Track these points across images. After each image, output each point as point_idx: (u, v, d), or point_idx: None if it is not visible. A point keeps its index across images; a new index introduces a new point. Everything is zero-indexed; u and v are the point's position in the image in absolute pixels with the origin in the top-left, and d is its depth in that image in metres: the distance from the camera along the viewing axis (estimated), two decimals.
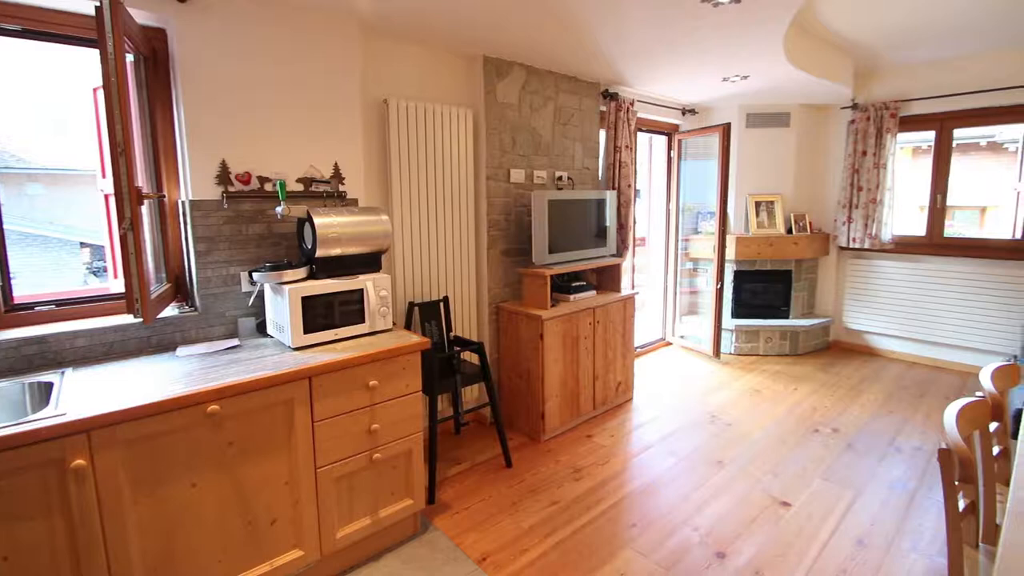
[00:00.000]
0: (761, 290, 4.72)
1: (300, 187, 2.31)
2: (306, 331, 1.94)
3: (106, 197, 2.25)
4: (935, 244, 4.20)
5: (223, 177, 2.09)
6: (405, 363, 2.01)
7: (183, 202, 2.07)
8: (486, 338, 3.14)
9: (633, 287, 4.33)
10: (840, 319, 4.74)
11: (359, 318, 2.09)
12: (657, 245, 5.03)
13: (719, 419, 3.23)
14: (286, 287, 1.91)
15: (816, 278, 4.82)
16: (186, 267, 2.13)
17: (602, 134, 3.84)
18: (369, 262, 2.21)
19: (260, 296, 2.17)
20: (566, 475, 2.59)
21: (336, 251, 2.07)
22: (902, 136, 4.26)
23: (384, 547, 2.07)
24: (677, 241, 4.83)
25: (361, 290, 2.09)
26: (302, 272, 2.03)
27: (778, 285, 4.69)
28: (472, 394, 3.12)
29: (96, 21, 1.49)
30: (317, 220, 2.02)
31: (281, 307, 1.96)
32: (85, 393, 1.53)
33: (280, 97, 2.20)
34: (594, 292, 3.38)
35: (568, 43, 2.80)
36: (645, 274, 5.21)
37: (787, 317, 4.67)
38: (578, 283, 3.29)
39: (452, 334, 2.87)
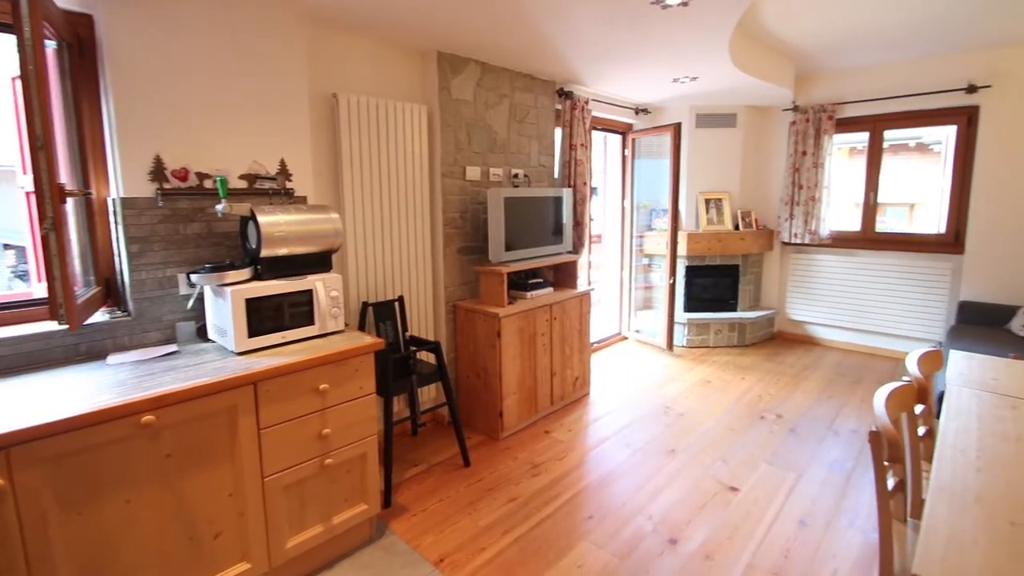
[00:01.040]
0: (711, 284, 4.89)
1: (243, 184, 2.21)
2: (251, 335, 1.87)
3: (27, 195, 2.09)
4: (868, 238, 4.47)
5: (158, 173, 1.98)
6: (358, 365, 1.96)
7: (113, 200, 1.94)
8: (443, 337, 3.11)
9: (590, 283, 4.40)
10: (783, 311, 4.98)
11: (308, 320, 2.02)
12: (613, 242, 5.12)
13: (672, 410, 3.33)
14: (228, 289, 1.83)
15: (761, 272, 5.04)
16: (117, 269, 2.00)
17: (558, 132, 3.87)
18: (319, 262, 2.14)
19: (200, 299, 2.06)
20: (524, 472, 2.60)
21: (283, 251, 1.99)
22: (838, 137, 4.50)
23: (338, 554, 2.02)
24: (632, 238, 4.94)
25: (310, 291, 2.02)
26: (246, 273, 1.94)
27: (727, 279, 4.88)
28: (429, 394, 3.09)
29: (11, 5, 1.37)
30: (261, 219, 1.94)
31: (223, 310, 1.87)
32: (3, 407, 1.41)
33: (220, 88, 2.10)
34: (551, 289, 3.41)
35: (522, 40, 2.80)
36: (601, 270, 5.30)
37: (735, 310, 4.86)
38: (535, 280, 3.31)
39: (408, 334, 2.82)
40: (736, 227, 4.79)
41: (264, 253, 1.94)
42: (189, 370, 1.69)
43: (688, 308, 4.84)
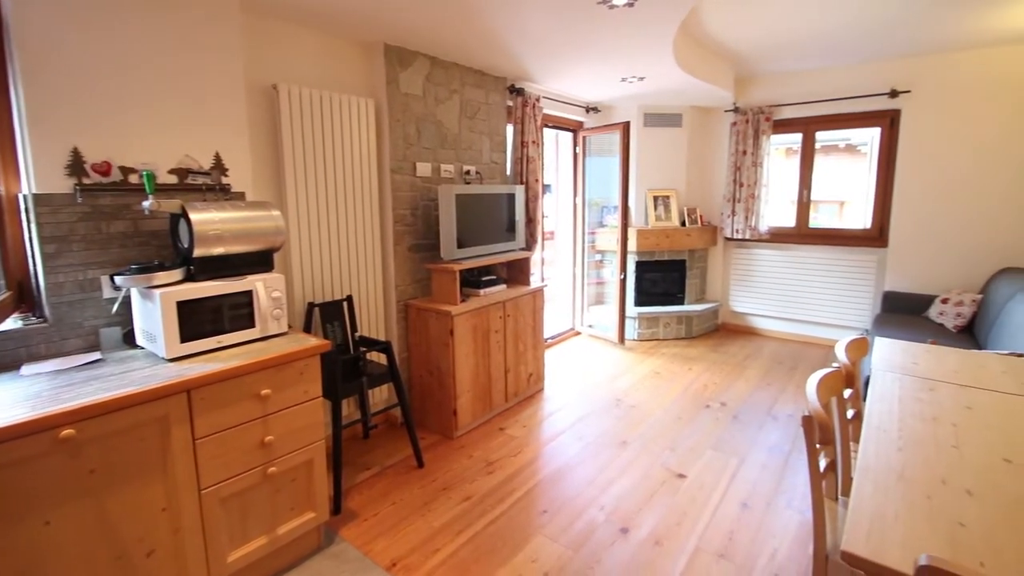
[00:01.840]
0: (660, 279, 5.04)
1: (174, 179, 2.08)
2: (183, 339, 1.76)
3: None
4: (803, 234, 4.73)
5: (76, 167, 1.82)
6: (302, 368, 1.89)
7: (24, 196, 1.78)
8: (395, 337, 3.05)
9: (543, 280, 4.43)
10: (727, 303, 5.20)
11: (248, 322, 1.93)
12: (566, 238, 5.18)
13: (624, 402, 3.41)
14: (157, 291, 1.71)
15: (706, 267, 5.24)
16: (31, 272, 1.83)
17: (509, 129, 3.87)
18: (259, 261, 2.04)
19: (127, 303, 1.93)
20: (479, 469, 2.59)
21: (218, 250, 1.89)
22: (776, 138, 4.73)
23: (285, 565, 1.94)
24: (584, 234, 5.01)
25: (250, 292, 1.93)
26: (177, 274, 1.83)
27: (674, 274, 5.04)
28: (381, 395, 3.03)
29: None
30: (194, 216, 1.83)
31: (152, 314, 1.75)
32: None
33: (147, 76, 1.96)
34: (504, 286, 3.41)
35: (471, 35, 2.77)
36: (555, 267, 5.35)
37: (682, 303, 5.03)
38: (488, 277, 3.30)
39: (358, 334, 2.75)
40: (683, 223, 4.95)
41: (197, 253, 1.83)
42: (114, 379, 1.58)
43: (638, 302, 4.97)
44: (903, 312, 4.01)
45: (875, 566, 0.99)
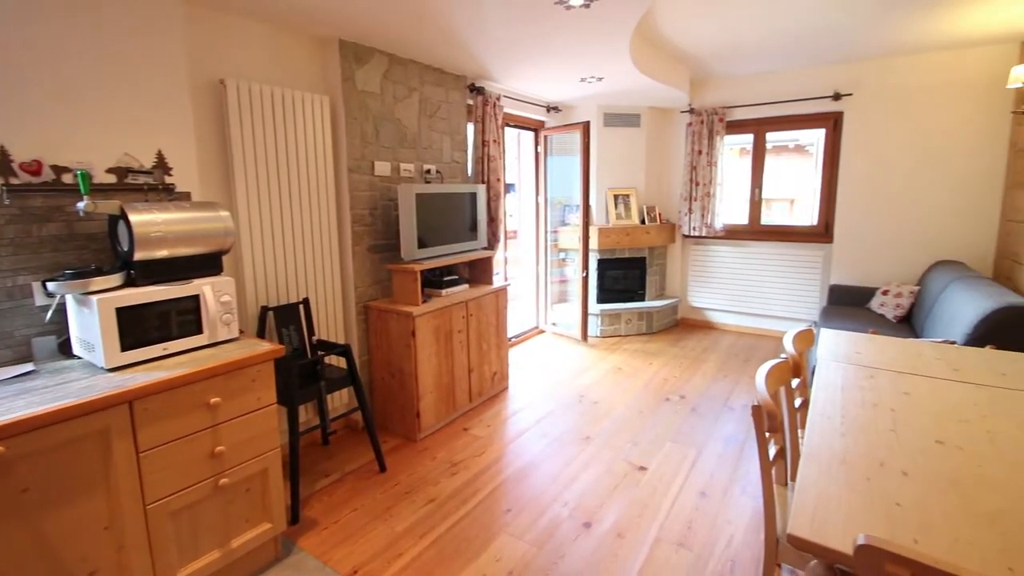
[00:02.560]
0: (621, 276, 5.13)
1: (112, 179, 1.97)
2: (124, 348, 1.67)
3: None
4: (755, 231, 4.91)
5: (3, 166, 1.70)
6: (255, 375, 1.83)
7: None
8: (355, 339, 2.99)
9: (506, 279, 4.44)
10: (685, 299, 5.35)
11: (195, 328, 1.85)
12: (529, 237, 5.20)
13: (587, 398, 3.46)
14: (94, 298, 1.62)
15: (666, 263, 5.37)
16: None
17: (470, 128, 3.85)
18: (206, 264, 1.96)
19: (62, 310, 1.81)
20: (443, 471, 2.57)
21: (161, 253, 1.80)
22: (729, 138, 4.89)
23: None
24: (547, 233, 5.05)
25: (196, 296, 1.85)
26: (116, 279, 1.73)
27: (635, 271, 5.14)
28: (341, 400, 2.96)
29: None
30: (134, 217, 1.74)
31: (89, 322, 1.66)
32: None
33: (80, 70, 1.85)
34: (467, 286, 3.39)
35: (429, 32, 2.74)
36: (518, 266, 5.37)
37: (643, 300, 5.14)
38: (450, 277, 3.28)
39: (315, 338, 2.68)
40: (642, 221, 5.06)
41: (138, 256, 1.74)
42: (48, 392, 1.48)
43: (601, 300, 5.04)
44: (848, 304, 4.22)
45: (819, 547, 1.03)
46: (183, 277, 1.88)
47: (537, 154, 4.96)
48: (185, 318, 1.83)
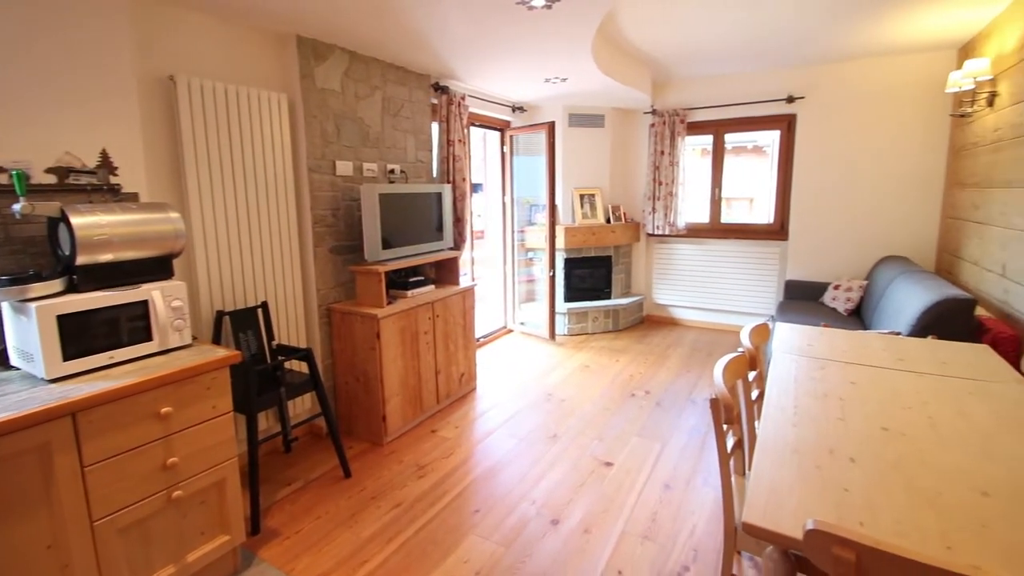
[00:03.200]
0: (587, 275, 5.19)
1: (52, 179, 1.86)
2: (67, 357, 1.58)
3: None
4: (716, 229, 5.05)
5: None
6: (209, 382, 1.76)
7: None
8: (317, 343, 2.92)
9: (473, 279, 4.42)
10: (650, 296, 5.46)
11: (144, 335, 1.77)
12: (496, 237, 5.20)
13: (554, 396, 3.48)
14: (32, 305, 1.53)
15: (631, 262, 5.46)
16: None
17: (435, 127, 3.82)
18: (155, 268, 1.88)
19: None
20: (410, 474, 2.54)
21: (106, 257, 1.72)
22: (690, 139, 5.01)
23: None
24: (514, 233, 5.06)
25: (145, 302, 1.77)
26: (56, 285, 1.64)
27: (601, 270, 5.21)
28: (304, 405, 2.89)
29: None
30: (75, 219, 1.65)
31: (28, 331, 1.56)
32: None
33: (15, 65, 1.74)
34: (433, 286, 3.36)
35: (390, 30, 2.70)
36: (486, 266, 5.36)
37: (609, 298, 5.22)
38: (416, 278, 3.24)
39: (275, 343, 2.60)
40: (608, 220, 5.13)
41: (81, 260, 1.65)
42: None
43: (568, 298, 5.09)
44: (802, 299, 4.39)
45: (772, 534, 1.07)
46: (130, 282, 1.80)
47: (503, 154, 4.97)
48: (133, 325, 1.75)
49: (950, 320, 2.56)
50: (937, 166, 4.06)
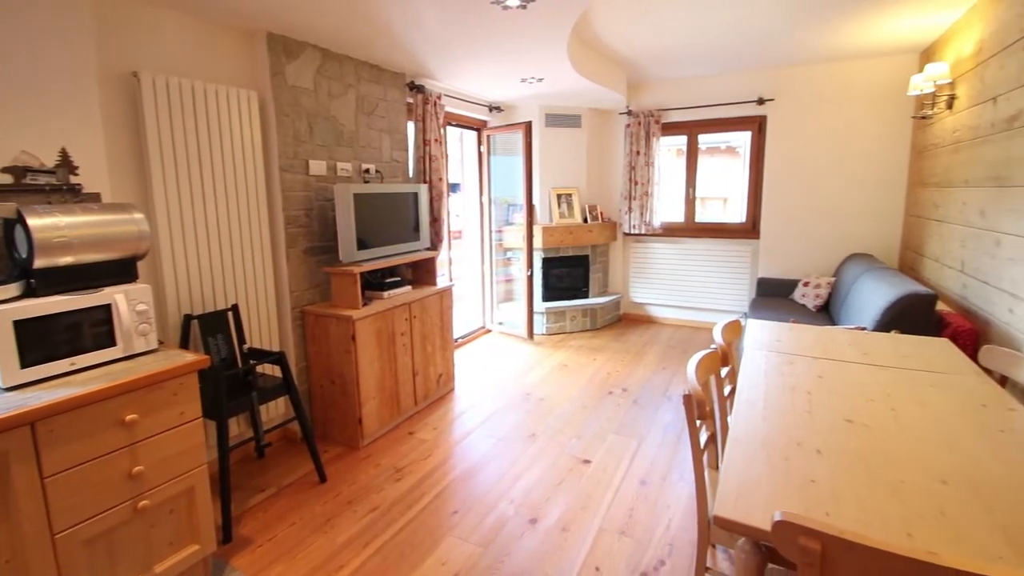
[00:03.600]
0: (565, 274, 5.22)
1: (8, 179, 1.78)
2: (25, 365, 1.52)
3: None
4: (690, 228, 5.14)
5: None
6: (176, 388, 1.71)
7: None
8: (291, 346, 2.87)
9: (451, 279, 4.40)
10: (627, 295, 5.52)
11: (108, 340, 1.71)
12: (474, 237, 5.19)
13: (533, 396, 3.49)
14: None
15: (608, 261, 5.51)
16: None
17: (411, 126, 3.79)
18: (119, 271, 1.82)
19: None
20: (387, 477, 2.52)
21: (66, 259, 1.65)
22: (665, 139, 5.09)
23: None
24: (491, 232, 5.05)
25: (108, 306, 1.71)
26: (13, 289, 1.58)
27: (579, 269, 5.25)
28: (277, 410, 2.84)
29: None
30: (33, 221, 1.58)
31: None
32: None
33: None
34: (410, 287, 3.34)
35: (364, 28, 2.67)
36: (464, 266, 5.34)
37: (587, 296, 5.26)
38: (392, 279, 3.21)
39: (246, 346, 2.54)
40: (585, 220, 5.17)
41: (39, 263, 1.59)
42: None
43: (546, 298, 5.11)
44: (774, 295, 4.49)
45: (743, 526, 1.09)
46: (92, 285, 1.74)
47: (480, 154, 4.96)
48: (96, 330, 1.69)
49: (912, 315, 2.65)
50: (900, 166, 4.20)
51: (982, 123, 2.74)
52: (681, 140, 5.12)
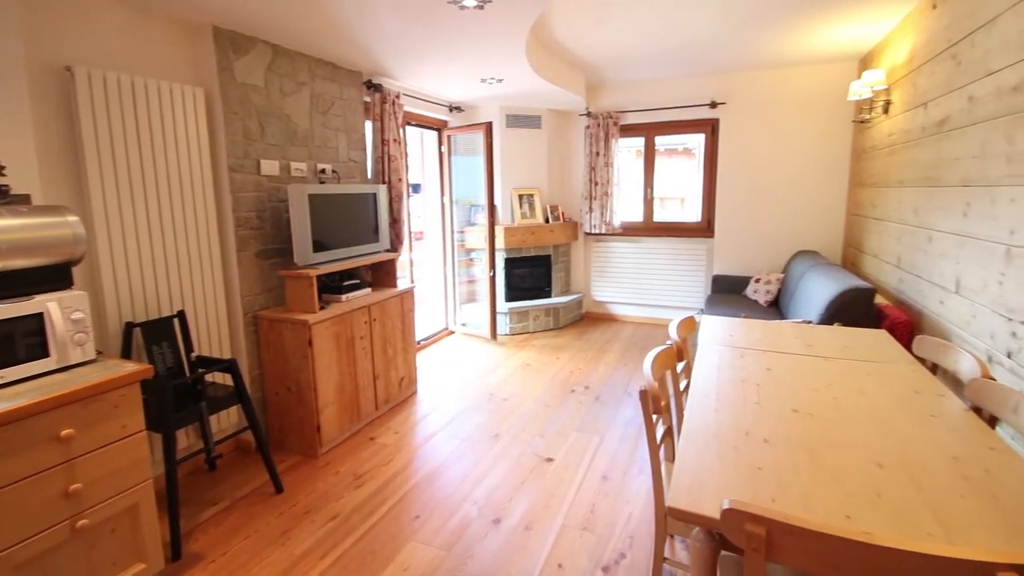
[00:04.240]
0: (528, 274, 5.25)
1: None
2: None
3: None
4: (649, 227, 5.26)
5: None
6: (117, 400, 1.62)
7: None
8: (243, 353, 2.77)
9: (412, 281, 4.35)
10: (589, 293, 5.60)
11: (40, 351, 1.61)
12: (436, 238, 5.15)
13: (496, 396, 3.49)
14: None
15: (570, 260, 5.57)
16: None
17: (368, 126, 3.72)
18: (52, 277, 1.71)
19: None
20: (347, 485, 2.46)
21: None
22: (624, 140, 5.18)
23: None
24: (453, 233, 5.02)
25: (40, 314, 1.61)
26: None
27: (541, 269, 5.28)
28: (230, 420, 2.73)
29: None
30: None
31: None
32: None
33: None
34: (369, 290, 3.28)
35: (317, 24, 2.61)
36: (426, 267, 5.29)
37: (550, 296, 5.30)
38: (351, 281, 3.15)
39: (194, 354, 2.44)
40: (547, 220, 5.21)
41: None
42: None
43: (509, 298, 5.12)
44: (728, 292, 4.65)
45: (695, 516, 1.12)
46: (21, 293, 1.63)
47: (441, 154, 4.92)
48: (27, 340, 1.58)
49: (853, 308, 2.80)
50: (842, 168, 4.43)
51: (914, 127, 2.92)
52: (639, 141, 5.24)
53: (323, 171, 3.28)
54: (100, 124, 2.15)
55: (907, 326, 2.66)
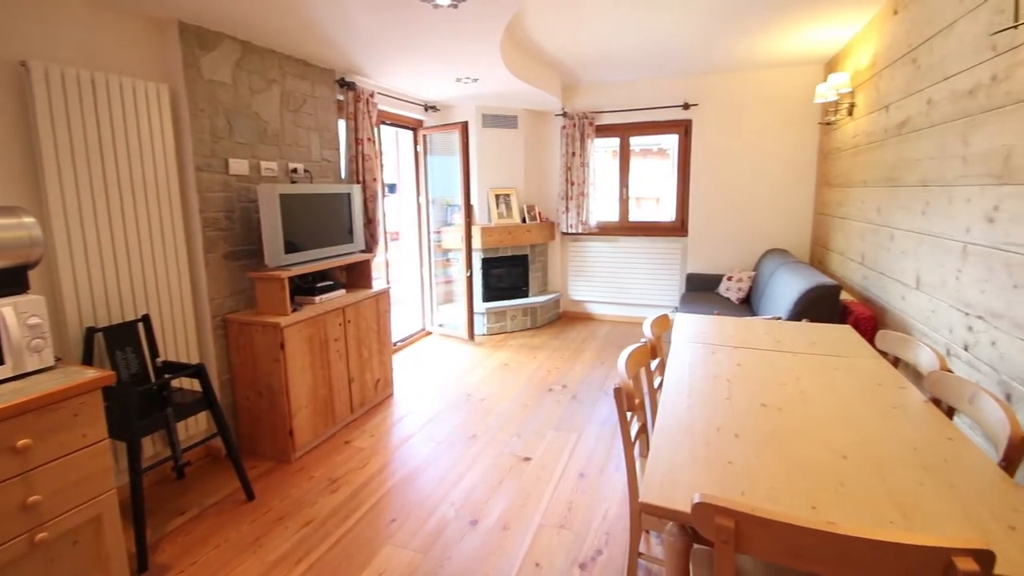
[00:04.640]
0: (505, 274, 5.25)
1: None
2: None
3: None
4: (624, 227, 5.32)
5: None
6: (77, 408, 1.56)
7: None
8: (211, 358, 2.69)
9: (388, 282, 4.31)
10: (566, 293, 5.63)
11: None
12: (412, 239, 5.10)
13: (474, 397, 3.48)
14: None
15: (547, 260, 5.60)
16: None
17: (342, 125, 3.67)
18: (6, 281, 1.63)
19: None
20: (321, 490, 2.42)
21: None
22: (599, 141, 5.23)
23: None
24: (429, 233, 4.99)
25: None
26: None
27: (518, 268, 5.29)
28: (199, 427, 2.66)
29: None
30: None
31: None
32: None
33: None
34: (344, 291, 3.23)
35: (287, 20, 2.56)
36: (402, 268, 5.25)
37: (527, 296, 5.31)
38: (325, 283, 3.10)
39: (160, 359, 2.36)
40: (523, 220, 5.22)
41: None
42: None
43: (486, 298, 5.11)
44: (702, 290, 4.74)
45: (667, 511, 1.14)
46: None
47: (417, 154, 4.89)
48: None
49: (820, 305, 2.88)
50: (809, 168, 4.55)
51: (877, 129, 3.02)
52: (615, 142, 5.29)
53: (295, 170, 3.22)
54: (58, 121, 2.07)
55: (871, 321, 2.75)
